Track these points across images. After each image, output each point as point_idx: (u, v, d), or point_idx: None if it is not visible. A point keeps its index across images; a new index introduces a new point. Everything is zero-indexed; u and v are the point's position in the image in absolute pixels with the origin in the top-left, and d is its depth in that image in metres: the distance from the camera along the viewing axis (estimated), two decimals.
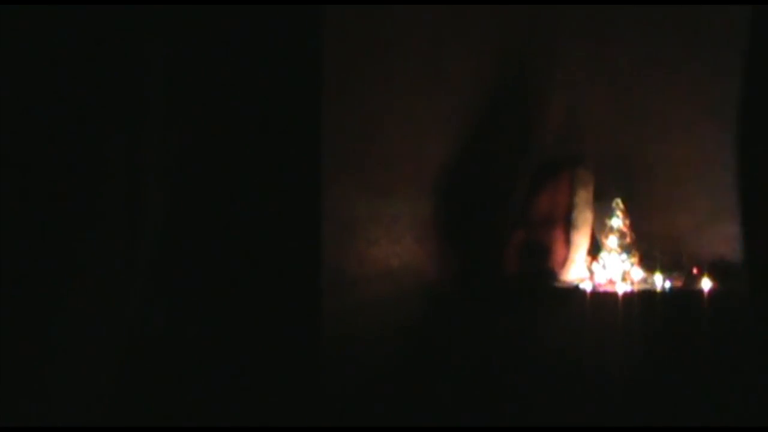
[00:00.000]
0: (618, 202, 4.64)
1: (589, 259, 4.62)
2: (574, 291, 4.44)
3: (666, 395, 4.16)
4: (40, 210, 3.44)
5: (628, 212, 4.65)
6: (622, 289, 4.44)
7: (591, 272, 4.59)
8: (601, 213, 4.65)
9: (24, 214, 3.39)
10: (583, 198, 4.60)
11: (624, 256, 4.59)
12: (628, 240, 4.61)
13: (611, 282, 4.55)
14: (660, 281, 4.51)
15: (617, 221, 4.62)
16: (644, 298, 4.41)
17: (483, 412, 4.21)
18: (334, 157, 4.17)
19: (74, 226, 3.52)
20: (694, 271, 4.53)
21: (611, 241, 4.61)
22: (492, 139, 4.69)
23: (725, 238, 4.74)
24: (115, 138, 3.67)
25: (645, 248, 4.64)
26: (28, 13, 3.38)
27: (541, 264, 4.52)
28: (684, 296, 4.45)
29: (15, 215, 3.36)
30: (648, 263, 4.61)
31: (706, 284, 4.42)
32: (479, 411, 4.22)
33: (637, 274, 4.59)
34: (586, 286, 4.45)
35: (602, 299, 4.39)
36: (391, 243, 4.39)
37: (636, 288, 4.49)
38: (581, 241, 4.59)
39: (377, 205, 4.33)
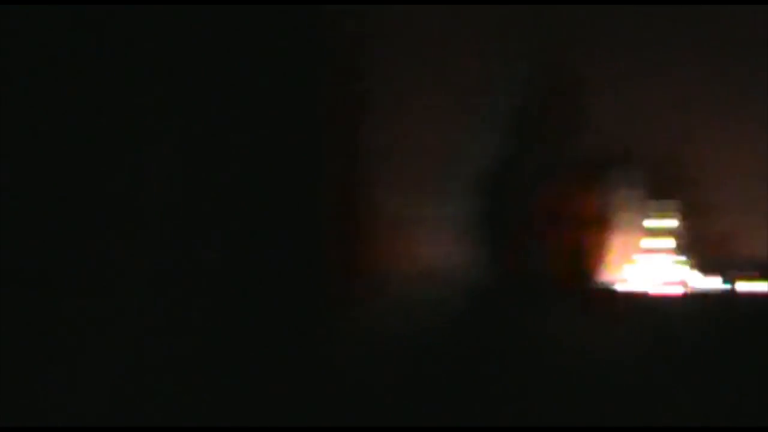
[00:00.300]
0: (671, 203, 4.50)
1: (637, 260, 4.47)
2: (624, 292, 4.34)
3: (717, 396, 4.01)
4: (57, 213, 3.52)
5: (680, 213, 4.51)
6: (673, 290, 4.34)
7: (641, 274, 4.44)
8: (652, 214, 4.51)
9: (40, 217, 3.48)
10: (634, 198, 4.49)
11: (675, 257, 4.44)
12: (681, 241, 4.46)
13: (664, 284, 4.43)
14: (714, 283, 4.39)
15: (668, 222, 4.47)
16: (698, 299, 4.32)
17: (524, 412, 4.13)
18: (376, 159, 4.20)
19: (91, 230, 3.59)
20: (750, 272, 4.37)
21: (662, 243, 4.46)
22: (536, 139, 4.62)
23: None
24: (140, 136, 3.73)
25: (699, 249, 4.48)
26: (38, 17, 3.48)
27: (586, 265, 4.43)
28: (738, 298, 4.32)
29: (30, 218, 3.45)
30: (702, 265, 4.47)
31: (761, 286, 4.29)
32: (521, 410, 4.14)
33: (691, 275, 4.45)
34: (637, 288, 4.32)
35: (654, 301, 4.32)
36: (434, 243, 4.37)
37: (689, 290, 4.39)
38: (631, 242, 4.45)
39: (419, 206, 4.34)
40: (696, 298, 4.31)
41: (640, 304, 4.30)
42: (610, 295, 4.33)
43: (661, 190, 4.58)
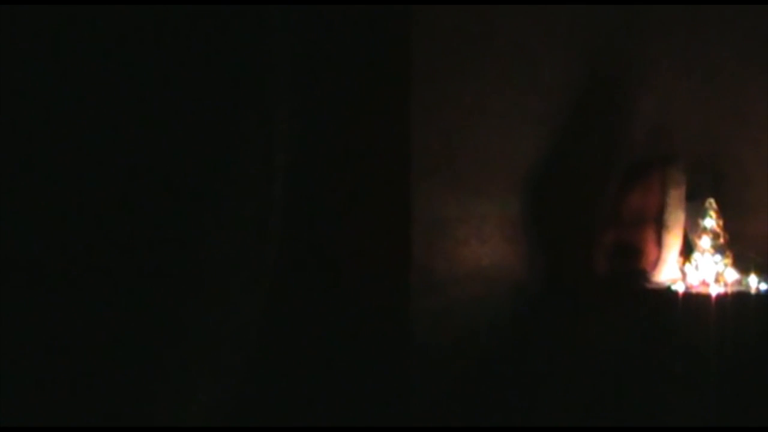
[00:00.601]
0: (711, 202, 4.53)
1: (681, 260, 4.53)
2: (666, 292, 4.36)
3: (759, 397, 4.07)
4: (166, 212, 3.48)
5: (722, 212, 4.54)
6: (715, 290, 4.35)
7: (683, 273, 4.51)
8: (694, 213, 4.54)
9: (149, 215, 3.44)
10: (675, 198, 4.51)
11: (717, 257, 4.49)
12: (721, 240, 4.50)
13: (704, 283, 4.45)
14: (754, 282, 4.40)
15: (710, 221, 4.51)
16: (738, 299, 4.30)
17: (573, 413, 4.18)
18: (424, 157, 4.20)
19: (199, 228, 3.57)
20: None
21: (704, 242, 4.50)
22: (582, 138, 4.65)
23: None
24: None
25: (739, 249, 4.53)
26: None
27: (632, 264, 4.45)
28: None
29: (128, 218, 3.41)
30: (742, 264, 4.50)
31: None
32: (568, 411, 4.19)
33: (731, 275, 4.48)
34: (679, 288, 4.37)
35: (695, 301, 4.31)
36: (481, 243, 4.38)
37: (730, 289, 4.39)
38: (673, 241, 4.49)
39: (467, 205, 4.34)
40: (734, 298, 4.35)
41: (685, 303, 4.33)
42: (659, 294, 4.38)
43: (699, 189, 4.63)
